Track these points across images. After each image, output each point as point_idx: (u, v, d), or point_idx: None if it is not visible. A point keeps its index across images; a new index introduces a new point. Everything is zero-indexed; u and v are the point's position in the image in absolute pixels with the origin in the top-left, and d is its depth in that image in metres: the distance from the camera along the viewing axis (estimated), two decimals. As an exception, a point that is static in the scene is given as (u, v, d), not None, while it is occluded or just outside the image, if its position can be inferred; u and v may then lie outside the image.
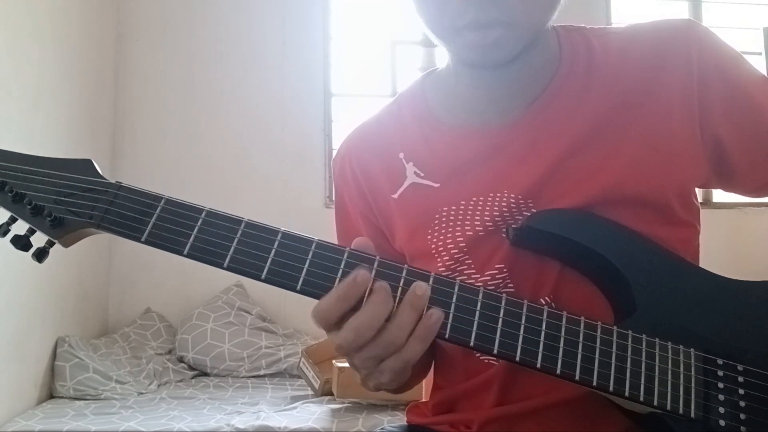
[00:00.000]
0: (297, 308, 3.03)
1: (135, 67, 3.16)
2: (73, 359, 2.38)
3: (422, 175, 0.73)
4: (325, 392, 2.34)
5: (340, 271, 0.57)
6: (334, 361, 2.27)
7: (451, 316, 0.57)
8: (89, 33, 2.90)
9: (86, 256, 2.80)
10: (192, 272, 2.96)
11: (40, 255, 0.60)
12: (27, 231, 0.59)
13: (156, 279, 3.04)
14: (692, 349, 0.60)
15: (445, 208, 0.71)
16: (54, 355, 2.42)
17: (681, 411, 0.58)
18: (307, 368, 2.44)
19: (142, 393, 2.44)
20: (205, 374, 2.77)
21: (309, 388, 2.43)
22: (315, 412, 2.16)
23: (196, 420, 2.10)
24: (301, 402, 2.30)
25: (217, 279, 2.95)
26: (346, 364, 2.18)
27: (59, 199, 0.59)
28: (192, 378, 2.73)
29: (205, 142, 3.15)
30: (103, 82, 3.03)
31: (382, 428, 0.83)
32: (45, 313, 2.42)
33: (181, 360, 2.80)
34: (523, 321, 0.57)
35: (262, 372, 2.74)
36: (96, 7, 2.95)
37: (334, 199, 0.85)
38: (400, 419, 2.01)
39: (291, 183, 3.13)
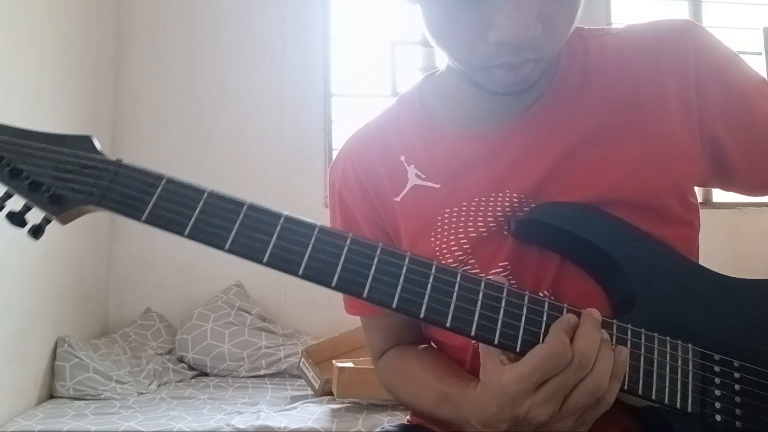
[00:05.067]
0: (297, 308, 3.03)
1: (135, 67, 3.16)
2: (73, 359, 2.38)
3: (423, 177, 0.73)
4: (325, 392, 2.34)
5: (343, 256, 0.57)
6: (334, 361, 2.27)
7: (452, 305, 0.56)
8: (89, 33, 2.90)
9: (86, 256, 2.80)
10: (192, 272, 2.97)
11: (36, 232, 0.58)
12: (23, 207, 0.58)
13: (156, 279, 3.04)
14: (690, 344, 0.61)
15: (447, 210, 0.71)
16: (54, 355, 2.42)
17: (678, 405, 0.58)
18: (307, 368, 2.44)
19: (142, 393, 2.44)
20: (205, 374, 2.77)
21: (309, 388, 2.43)
22: (315, 412, 2.16)
23: (196, 420, 2.10)
24: (301, 402, 2.30)
25: (217, 279, 2.95)
26: (347, 364, 2.19)
27: (58, 175, 0.58)
28: (192, 378, 2.73)
29: (205, 142, 3.15)
30: (103, 82, 3.03)
31: (382, 428, 0.83)
32: (45, 313, 2.42)
33: (181, 360, 2.80)
34: (524, 312, 0.57)
35: (262, 372, 2.74)
36: (95, 7, 2.95)
37: (329, 205, 0.84)
38: (400, 419, 2.01)
39: (291, 183, 3.13)
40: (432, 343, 0.79)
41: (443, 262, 0.69)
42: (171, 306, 3.02)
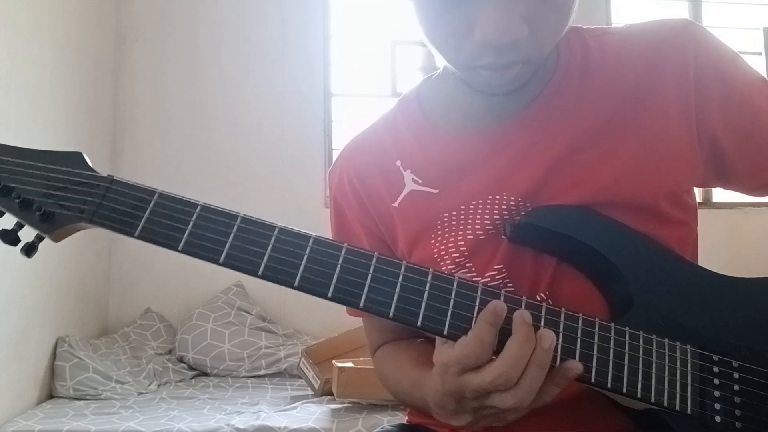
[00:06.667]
0: (297, 308, 3.03)
1: (135, 67, 3.16)
2: (73, 359, 2.38)
3: (420, 182, 0.73)
4: (325, 392, 2.34)
5: (338, 267, 0.57)
6: (334, 361, 2.27)
7: (450, 312, 0.56)
8: (89, 33, 2.90)
9: (86, 256, 2.80)
10: (192, 272, 2.97)
11: (29, 250, 0.57)
12: (15, 225, 0.57)
13: (156, 279, 3.04)
14: (688, 346, 0.60)
15: (446, 214, 0.71)
16: (54, 355, 2.42)
17: (678, 407, 0.58)
18: (307, 368, 2.44)
19: (142, 393, 2.44)
20: (205, 374, 2.77)
21: (309, 388, 2.43)
22: (315, 412, 2.16)
23: (196, 420, 2.10)
24: (301, 402, 2.30)
25: (217, 279, 2.95)
26: (347, 364, 2.19)
27: (49, 193, 0.57)
28: (192, 378, 2.73)
29: (205, 142, 3.15)
30: (103, 82, 3.03)
31: (382, 428, 0.83)
32: (45, 313, 2.42)
33: (181, 360, 2.80)
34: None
35: (262, 372, 2.74)
36: (95, 6, 2.95)
37: (329, 209, 0.84)
38: (400, 419, 2.01)
39: (291, 183, 3.13)
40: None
41: (442, 265, 0.69)
42: (171, 306, 3.02)
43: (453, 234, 0.70)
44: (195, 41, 3.20)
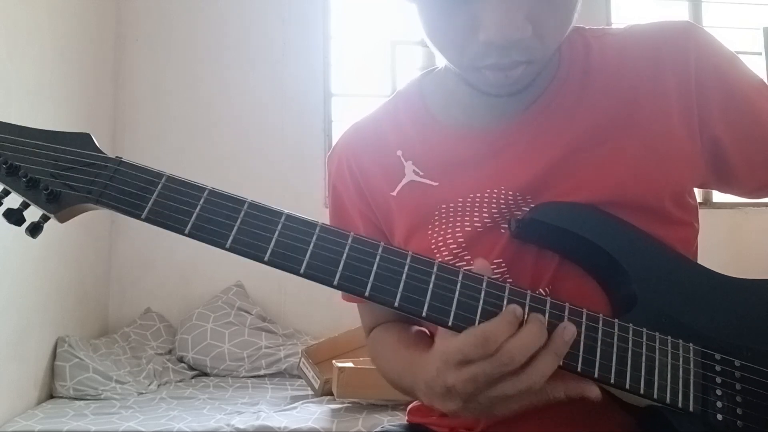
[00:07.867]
0: (297, 308, 3.03)
1: (135, 67, 3.16)
2: (73, 359, 2.38)
3: (421, 173, 0.73)
4: (325, 392, 2.34)
5: (345, 255, 0.57)
6: (334, 361, 2.27)
7: (454, 304, 0.56)
8: (89, 33, 2.90)
9: (86, 256, 2.80)
10: (192, 272, 2.97)
11: (34, 230, 0.57)
12: (20, 205, 0.57)
13: (156, 279, 3.04)
14: (691, 344, 0.61)
15: (443, 205, 0.71)
16: (54, 355, 2.42)
17: (680, 404, 0.58)
18: (307, 368, 2.44)
19: (142, 393, 2.44)
20: (205, 374, 2.77)
21: (309, 388, 2.43)
22: (315, 412, 2.16)
23: (196, 420, 2.10)
24: (301, 402, 2.30)
25: (217, 279, 2.95)
26: (347, 364, 2.19)
27: (56, 173, 0.57)
28: (192, 378, 2.73)
29: (205, 142, 3.15)
30: (103, 82, 3.03)
31: (382, 428, 0.83)
32: (45, 313, 2.42)
33: (181, 360, 2.80)
34: (526, 311, 0.57)
35: (262, 372, 2.74)
36: (95, 6, 2.95)
37: (328, 197, 0.85)
38: (400, 419, 2.01)
39: (291, 183, 3.13)
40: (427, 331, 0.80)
41: (439, 256, 0.70)
42: (171, 306, 3.02)
43: (451, 225, 0.70)
44: (195, 41, 3.20)
